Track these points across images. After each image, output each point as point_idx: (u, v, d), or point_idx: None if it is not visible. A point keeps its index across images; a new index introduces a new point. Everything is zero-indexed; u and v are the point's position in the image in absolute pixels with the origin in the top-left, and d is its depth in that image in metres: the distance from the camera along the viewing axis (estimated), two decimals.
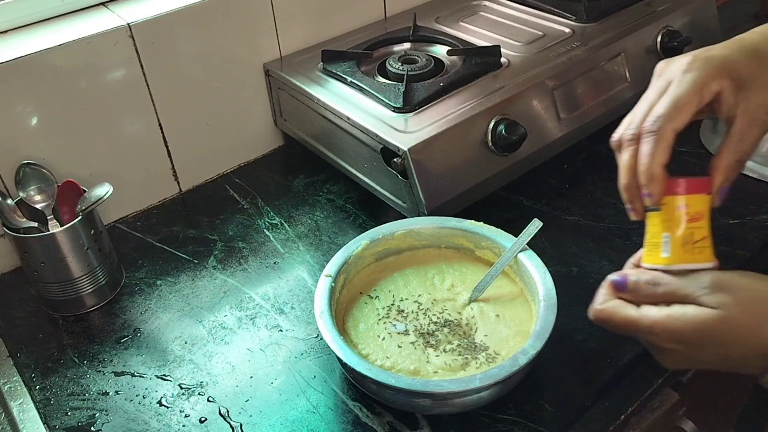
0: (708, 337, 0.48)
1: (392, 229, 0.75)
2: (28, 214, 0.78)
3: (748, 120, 0.52)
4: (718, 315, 0.47)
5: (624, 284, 0.52)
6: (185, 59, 0.90)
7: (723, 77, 0.52)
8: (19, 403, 0.69)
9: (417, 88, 0.86)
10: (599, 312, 0.53)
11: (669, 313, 0.49)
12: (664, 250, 0.53)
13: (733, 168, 0.53)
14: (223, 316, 0.77)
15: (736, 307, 0.47)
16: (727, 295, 0.48)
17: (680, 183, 0.53)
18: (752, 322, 0.47)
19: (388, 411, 0.65)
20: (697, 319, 0.48)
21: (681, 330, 0.48)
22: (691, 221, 0.52)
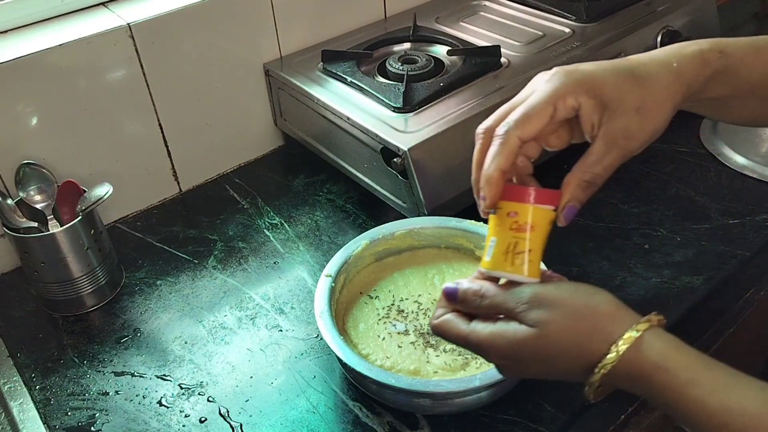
0: (528, 354, 0.48)
1: (392, 229, 0.75)
2: (28, 214, 0.78)
3: (606, 142, 0.51)
4: (535, 333, 0.47)
5: (455, 294, 0.52)
6: (185, 59, 0.90)
7: (581, 93, 0.50)
8: (19, 403, 0.69)
9: (417, 88, 0.86)
10: (435, 327, 0.53)
11: (492, 331, 0.49)
12: (488, 253, 0.52)
13: (582, 188, 0.51)
14: (223, 316, 0.77)
15: (553, 325, 0.47)
16: (544, 311, 0.48)
17: (525, 191, 0.50)
18: (570, 338, 0.47)
19: (388, 411, 0.65)
20: (516, 337, 0.48)
21: (504, 348, 0.49)
22: (517, 231, 0.50)
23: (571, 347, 0.47)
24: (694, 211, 0.85)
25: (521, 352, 0.48)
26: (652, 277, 0.76)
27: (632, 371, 0.46)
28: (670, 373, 0.45)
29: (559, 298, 0.48)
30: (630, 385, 0.47)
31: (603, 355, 0.46)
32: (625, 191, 0.89)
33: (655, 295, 0.74)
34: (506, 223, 0.51)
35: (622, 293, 0.75)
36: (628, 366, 0.46)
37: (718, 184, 0.89)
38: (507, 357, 0.49)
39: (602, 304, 0.48)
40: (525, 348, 0.48)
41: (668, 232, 0.82)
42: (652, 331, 0.46)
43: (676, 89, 0.53)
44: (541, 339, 0.47)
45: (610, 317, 0.48)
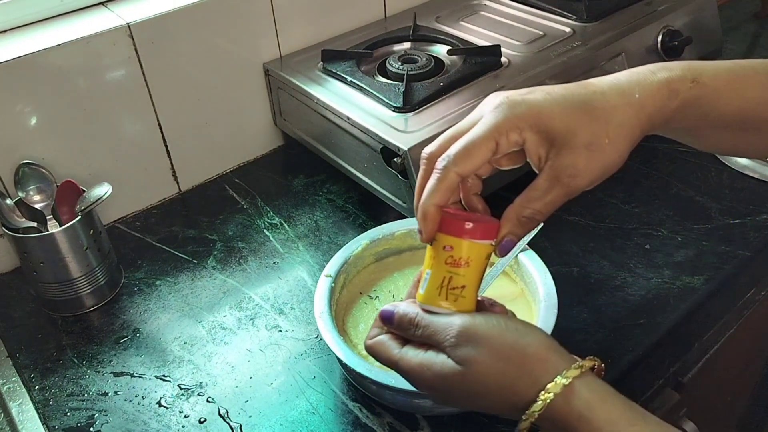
0: (454, 389, 0.47)
1: (392, 229, 0.75)
2: (27, 214, 0.78)
3: (550, 179, 0.48)
4: (460, 371, 0.46)
5: (391, 319, 0.51)
6: (185, 59, 0.90)
7: (525, 129, 0.48)
8: (19, 404, 0.69)
9: (417, 88, 0.86)
10: (368, 347, 0.52)
11: (421, 362, 0.48)
12: (422, 286, 0.50)
13: (521, 224, 0.49)
14: (223, 316, 0.77)
15: (478, 365, 0.46)
16: (471, 348, 0.46)
17: (460, 224, 0.48)
18: (495, 379, 0.46)
19: (388, 411, 0.64)
20: (443, 372, 0.47)
21: (430, 379, 0.47)
22: (452, 265, 0.48)
23: (497, 388, 0.46)
24: (694, 211, 0.85)
25: (447, 387, 0.47)
26: (652, 277, 0.76)
27: (557, 419, 0.44)
28: (593, 425, 0.43)
29: (486, 336, 0.46)
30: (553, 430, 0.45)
31: (530, 402, 0.45)
32: (625, 191, 0.88)
33: (656, 295, 0.74)
34: (441, 257, 0.49)
35: (623, 293, 0.74)
36: (554, 414, 0.44)
37: (718, 184, 0.89)
38: (434, 388, 0.48)
39: (532, 346, 0.46)
40: (450, 383, 0.47)
41: (669, 232, 0.82)
42: (582, 379, 0.45)
43: (634, 124, 0.49)
44: (467, 377, 0.46)
45: (539, 361, 0.46)
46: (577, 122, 0.47)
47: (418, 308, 0.50)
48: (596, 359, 0.46)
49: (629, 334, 0.70)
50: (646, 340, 0.69)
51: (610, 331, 0.70)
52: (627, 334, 0.70)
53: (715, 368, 0.85)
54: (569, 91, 0.49)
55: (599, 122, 0.48)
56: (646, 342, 0.69)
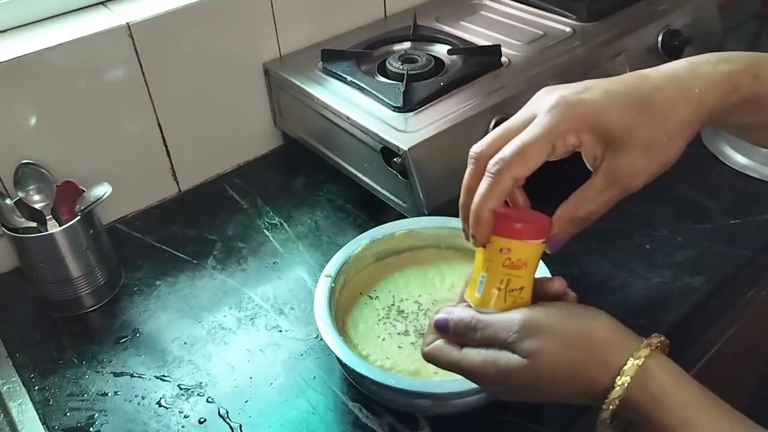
0: (521, 383, 0.46)
1: (392, 229, 0.75)
2: (26, 214, 0.78)
3: (607, 179, 0.47)
4: (527, 364, 0.45)
5: (446, 326, 0.50)
6: (184, 58, 0.90)
7: (583, 131, 0.46)
8: (18, 404, 0.69)
9: (417, 88, 0.86)
10: (426, 354, 0.51)
11: (484, 359, 0.47)
12: (479, 289, 0.50)
13: (575, 223, 0.49)
14: (223, 316, 0.77)
15: (545, 356, 0.45)
16: (536, 340, 0.45)
17: (514, 225, 0.48)
18: (565, 366, 0.45)
19: (388, 412, 0.64)
20: (509, 367, 0.46)
21: (495, 376, 0.47)
22: (510, 268, 0.48)
23: (567, 377, 0.45)
24: (695, 211, 0.85)
25: (514, 382, 0.46)
26: (653, 277, 0.76)
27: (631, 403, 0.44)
28: (665, 408, 0.43)
29: (549, 325, 0.46)
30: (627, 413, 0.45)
31: (606, 388, 0.44)
32: None
33: (657, 295, 0.74)
34: (498, 259, 0.49)
35: (623, 293, 0.74)
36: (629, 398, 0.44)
37: (719, 184, 0.89)
38: (499, 384, 0.48)
39: (597, 330, 0.46)
40: (518, 378, 0.46)
41: (669, 232, 0.82)
42: (655, 359, 0.44)
43: (693, 120, 0.48)
44: (534, 370, 0.45)
45: (607, 344, 0.45)
46: (636, 122, 0.46)
47: (472, 312, 0.49)
48: (661, 335, 0.46)
49: None
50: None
51: None
52: None
53: (715, 368, 0.85)
54: (627, 87, 0.48)
55: (658, 120, 0.47)
56: None
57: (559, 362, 0.45)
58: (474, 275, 0.51)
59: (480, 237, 0.48)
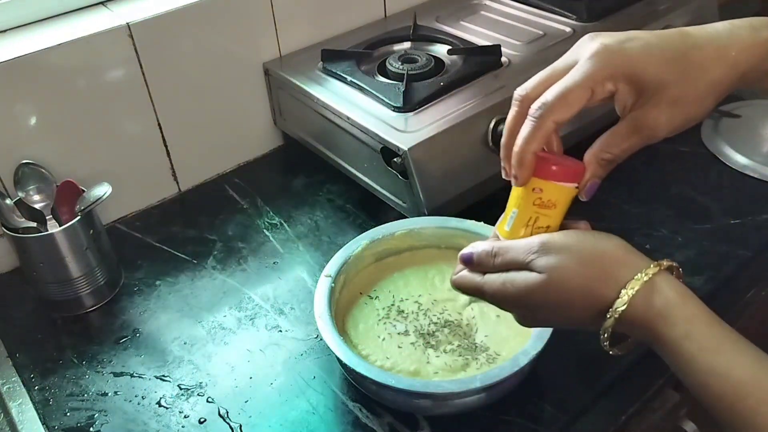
0: (539, 300, 0.48)
1: (392, 229, 0.75)
2: (26, 214, 0.78)
3: (633, 127, 0.49)
4: (543, 279, 0.47)
5: (470, 258, 0.53)
6: (184, 58, 0.90)
7: (620, 79, 0.48)
8: (18, 404, 0.69)
9: (417, 88, 0.86)
10: (453, 281, 0.55)
11: (504, 281, 0.50)
12: (508, 224, 0.53)
13: (600, 165, 0.50)
14: (223, 316, 0.77)
15: (560, 270, 0.47)
16: (552, 257, 0.48)
17: (549, 167, 0.51)
18: (578, 282, 0.47)
19: (388, 412, 0.64)
20: (526, 284, 0.48)
21: (515, 295, 0.49)
22: (540, 207, 0.51)
23: (580, 293, 0.47)
24: (695, 211, 0.85)
25: (532, 299, 0.48)
26: None
27: (637, 318, 0.45)
28: (669, 322, 0.45)
29: (566, 245, 0.48)
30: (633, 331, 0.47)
31: (613, 300, 0.46)
32: (626, 191, 0.88)
33: None
34: (530, 198, 0.51)
35: None
36: (635, 312, 0.45)
37: (719, 184, 0.89)
38: (519, 305, 0.50)
39: (611, 249, 0.48)
40: (535, 295, 0.48)
41: (669, 232, 0.82)
42: (662, 276, 0.46)
43: (725, 81, 0.49)
44: (550, 285, 0.47)
45: (619, 261, 0.47)
46: (670, 76, 0.48)
47: (492, 242, 0.53)
48: (673, 262, 0.47)
49: None
50: None
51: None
52: None
53: None
54: (666, 42, 0.49)
55: (690, 78, 0.48)
56: None
57: (573, 278, 0.47)
58: (506, 211, 0.54)
59: (521, 177, 0.51)
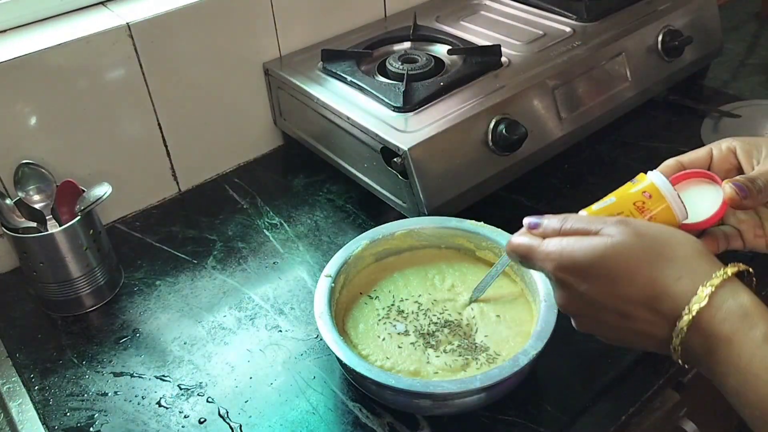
0: (596, 266, 0.47)
1: (392, 229, 0.75)
2: (26, 214, 0.78)
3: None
4: (611, 241, 0.46)
5: (537, 224, 0.52)
6: (184, 59, 0.90)
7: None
8: (18, 404, 0.69)
9: (417, 88, 0.86)
10: (509, 243, 0.53)
11: (566, 243, 0.48)
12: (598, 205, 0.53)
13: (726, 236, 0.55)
14: (223, 316, 0.77)
15: (632, 237, 0.46)
16: (626, 227, 0.47)
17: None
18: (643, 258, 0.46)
19: (388, 412, 0.64)
20: (591, 244, 0.47)
21: (573, 256, 0.47)
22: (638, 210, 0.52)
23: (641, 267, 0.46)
24: None
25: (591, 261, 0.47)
26: None
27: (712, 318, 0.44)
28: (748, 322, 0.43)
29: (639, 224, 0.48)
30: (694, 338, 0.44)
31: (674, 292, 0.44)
32: None
33: None
34: (633, 197, 0.52)
35: None
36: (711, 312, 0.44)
37: None
38: (573, 269, 0.47)
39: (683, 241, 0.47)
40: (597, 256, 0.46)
41: None
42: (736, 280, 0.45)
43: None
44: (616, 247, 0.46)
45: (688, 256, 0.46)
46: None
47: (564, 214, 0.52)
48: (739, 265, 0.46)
49: None
50: None
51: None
52: None
53: None
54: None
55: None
56: None
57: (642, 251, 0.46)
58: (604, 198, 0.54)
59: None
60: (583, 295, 0.48)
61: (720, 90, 1.12)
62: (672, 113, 1.04)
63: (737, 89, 1.13)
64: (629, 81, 0.97)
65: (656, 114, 1.04)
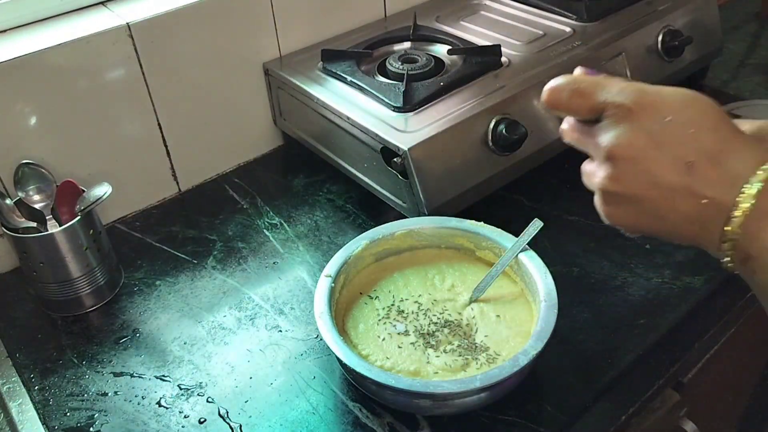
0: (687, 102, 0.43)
1: (392, 229, 0.75)
2: (26, 214, 0.78)
3: None
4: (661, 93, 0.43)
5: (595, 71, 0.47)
6: (184, 59, 0.90)
7: None
8: (18, 404, 0.69)
9: (417, 88, 0.86)
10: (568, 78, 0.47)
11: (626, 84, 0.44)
12: None
13: None
14: (223, 316, 0.77)
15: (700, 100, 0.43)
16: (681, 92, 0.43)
17: None
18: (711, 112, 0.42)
19: (388, 412, 0.64)
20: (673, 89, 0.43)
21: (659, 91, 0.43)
22: None
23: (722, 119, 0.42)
24: None
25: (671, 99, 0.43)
26: (653, 277, 0.76)
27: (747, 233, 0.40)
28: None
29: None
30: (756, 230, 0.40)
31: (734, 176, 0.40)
32: None
33: (656, 295, 0.74)
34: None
35: (623, 293, 0.74)
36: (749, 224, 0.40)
37: None
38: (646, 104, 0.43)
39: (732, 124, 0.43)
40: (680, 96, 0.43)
41: None
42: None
43: None
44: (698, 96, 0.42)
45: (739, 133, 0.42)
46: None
47: None
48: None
49: (629, 334, 0.70)
50: (646, 340, 0.69)
51: (611, 331, 0.70)
52: (627, 334, 0.70)
53: (715, 368, 0.85)
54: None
55: None
56: (646, 342, 0.69)
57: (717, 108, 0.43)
58: None
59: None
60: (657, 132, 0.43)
61: (720, 90, 1.12)
62: None
63: (737, 89, 1.13)
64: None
65: None
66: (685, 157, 0.42)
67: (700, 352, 0.83)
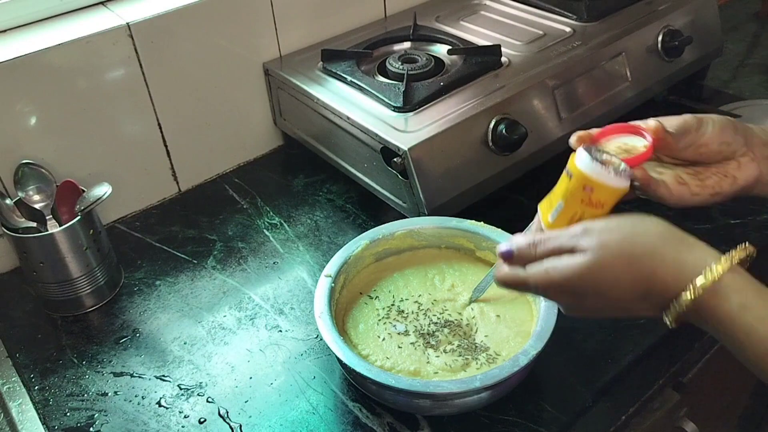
0: (584, 284, 0.48)
1: (392, 229, 0.75)
2: (26, 214, 0.78)
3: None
4: (589, 258, 0.47)
5: (510, 253, 0.53)
6: (184, 59, 0.90)
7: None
8: (18, 404, 0.69)
9: (417, 88, 0.86)
10: (497, 278, 0.54)
11: (547, 267, 0.49)
12: (552, 215, 0.53)
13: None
14: (223, 316, 0.77)
15: (602, 250, 0.47)
16: (597, 236, 0.48)
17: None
18: (620, 262, 0.47)
19: (388, 412, 0.64)
20: (571, 266, 0.48)
21: (560, 281, 0.49)
22: (588, 205, 0.51)
23: (622, 272, 0.47)
24: (695, 212, 0.84)
25: (577, 284, 0.48)
26: None
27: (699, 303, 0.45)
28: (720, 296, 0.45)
29: (608, 226, 0.49)
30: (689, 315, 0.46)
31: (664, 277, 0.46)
32: None
33: None
34: (578, 195, 0.51)
35: None
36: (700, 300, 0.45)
37: None
38: (565, 291, 0.49)
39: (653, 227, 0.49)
40: (581, 277, 0.48)
41: None
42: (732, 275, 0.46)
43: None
44: (596, 263, 0.47)
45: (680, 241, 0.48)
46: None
47: (532, 235, 0.52)
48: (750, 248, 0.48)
49: (629, 334, 0.70)
50: (646, 340, 0.69)
51: (611, 331, 0.70)
52: (627, 334, 0.70)
53: (715, 368, 0.85)
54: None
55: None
56: (646, 342, 0.69)
57: (616, 257, 0.47)
58: (552, 197, 0.54)
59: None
60: (583, 308, 0.51)
61: (720, 90, 1.12)
62: (672, 113, 1.03)
63: (737, 89, 1.13)
64: (629, 81, 0.97)
65: (656, 114, 1.03)
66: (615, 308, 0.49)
67: (700, 352, 0.83)
